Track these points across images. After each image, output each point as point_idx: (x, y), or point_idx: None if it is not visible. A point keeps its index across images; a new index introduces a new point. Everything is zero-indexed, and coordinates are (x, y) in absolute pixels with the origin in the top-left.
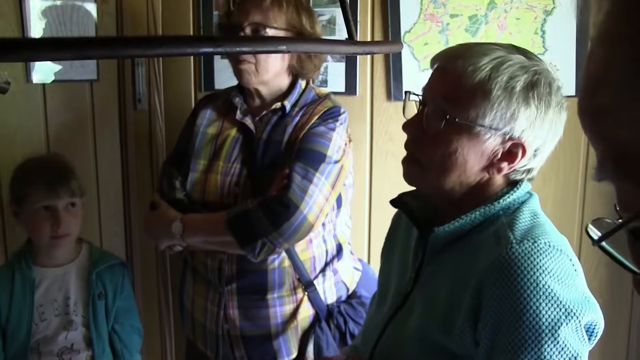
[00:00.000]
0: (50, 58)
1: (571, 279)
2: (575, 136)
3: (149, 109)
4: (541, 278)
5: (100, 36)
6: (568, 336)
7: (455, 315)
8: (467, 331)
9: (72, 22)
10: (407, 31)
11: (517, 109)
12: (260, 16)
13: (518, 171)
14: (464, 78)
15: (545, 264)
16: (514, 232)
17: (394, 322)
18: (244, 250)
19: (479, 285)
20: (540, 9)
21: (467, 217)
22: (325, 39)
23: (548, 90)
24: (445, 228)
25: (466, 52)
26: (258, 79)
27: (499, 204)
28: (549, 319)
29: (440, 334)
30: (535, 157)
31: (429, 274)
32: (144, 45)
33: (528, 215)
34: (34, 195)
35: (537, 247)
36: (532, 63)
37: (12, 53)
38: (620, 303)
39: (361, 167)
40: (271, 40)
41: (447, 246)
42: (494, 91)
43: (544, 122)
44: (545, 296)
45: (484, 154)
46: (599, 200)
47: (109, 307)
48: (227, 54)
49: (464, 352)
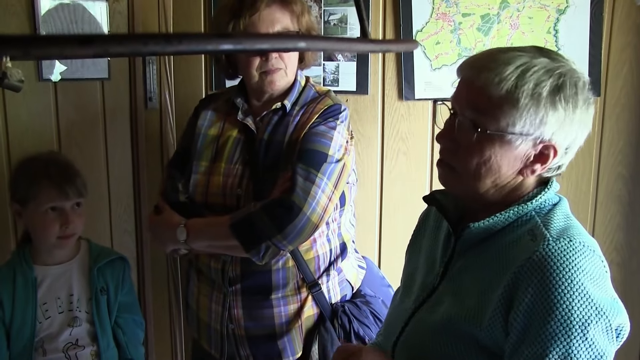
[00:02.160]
0: (69, 55)
1: (603, 281)
2: (587, 138)
3: (160, 107)
4: (575, 275)
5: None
6: (597, 335)
7: (487, 307)
8: (498, 321)
9: (84, 21)
10: (419, 30)
11: (546, 114)
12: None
13: (551, 169)
14: (491, 89)
15: (580, 263)
16: (549, 230)
17: (420, 313)
18: (249, 254)
19: (513, 278)
20: (553, 7)
21: (502, 216)
22: (342, 37)
23: (574, 90)
24: (481, 224)
25: (490, 62)
26: (286, 81)
27: (531, 204)
28: (580, 316)
29: (470, 325)
30: (566, 154)
31: (459, 269)
32: (163, 42)
33: (562, 216)
34: (43, 196)
35: (573, 245)
36: (556, 65)
37: (17, 48)
38: (632, 302)
39: (372, 167)
40: (290, 37)
41: (478, 243)
42: (522, 100)
43: (572, 121)
44: (578, 293)
45: (517, 159)
46: (611, 201)
47: (112, 301)
48: (246, 51)
49: (492, 342)
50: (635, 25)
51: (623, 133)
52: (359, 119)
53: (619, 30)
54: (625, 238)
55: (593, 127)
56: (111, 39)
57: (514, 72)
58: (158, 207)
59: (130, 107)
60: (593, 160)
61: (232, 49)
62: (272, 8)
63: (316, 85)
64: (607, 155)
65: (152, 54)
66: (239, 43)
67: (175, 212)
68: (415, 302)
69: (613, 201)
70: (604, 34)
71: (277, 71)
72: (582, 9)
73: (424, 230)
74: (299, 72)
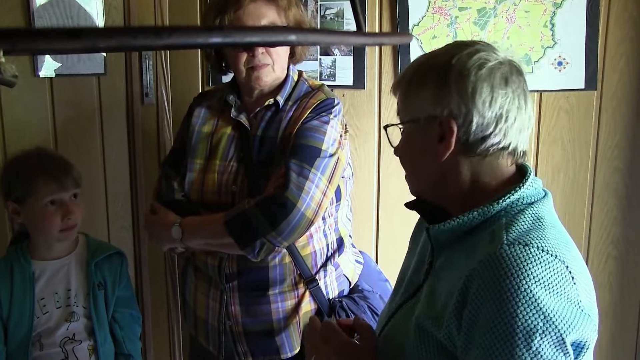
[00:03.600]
0: (58, 49)
1: (562, 288)
2: (584, 132)
3: (156, 103)
4: (524, 283)
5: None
6: (544, 346)
7: (446, 309)
8: (454, 323)
9: (79, 17)
10: (415, 24)
11: (419, 94)
12: (274, 15)
13: (472, 144)
14: (397, 96)
15: (532, 270)
16: (508, 233)
17: (402, 310)
18: (243, 251)
19: (467, 281)
20: (550, 1)
21: (465, 217)
22: (335, 30)
23: (447, 65)
24: (441, 226)
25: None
26: (272, 78)
27: (498, 204)
28: (524, 324)
29: (433, 326)
30: (471, 124)
31: (438, 268)
32: (153, 35)
33: (530, 218)
34: (42, 190)
35: (527, 251)
36: (442, 53)
37: (4, 41)
38: (628, 296)
39: (369, 161)
40: (281, 30)
41: (452, 243)
42: (407, 90)
43: (450, 92)
44: (525, 301)
45: (425, 144)
46: (607, 194)
47: (109, 296)
48: (237, 45)
49: (451, 344)
50: (632, 19)
51: (620, 126)
52: (355, 114)
53: (615, 23)
54: (622, 231)
55: (590, 120)
56: (100, 32)
57: (408, 74)
58: (152, 207)
59: (127, 103)
60: (590, 154)
61: (222, 42)
62: (258, 3)
63: (309, 79)
64: (603, 149)
65: (142, 48)
66: (228, 36)
67: (171, 210)
68: (400, 299)
69: (610, 194)
70: (601, 27)
71: (264, 67)
72: (579, 2)
73: (421, 229)
74: (291, 67)
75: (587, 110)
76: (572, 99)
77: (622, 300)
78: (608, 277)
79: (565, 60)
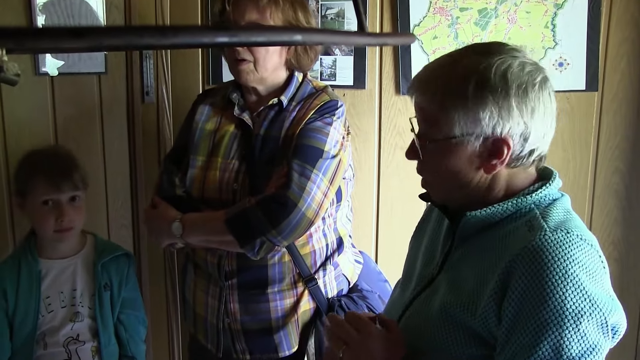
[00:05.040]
0: (63, 48)
1: (599, 276)
2: (585, 132)
3: (156, 102)
4: (571, 267)
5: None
6: (590, 327)
7: (481, 296)
8: (492, 310)
9: (80, 16)
10: (416, 25)
11: (476, 111)
12: (257, 14)
13: (521, 157)
14: (430, 104)
15: (576, 255)
16: (547, 222)
17: (417, 302)
18: (243, 249)
19: (508, 267)
20: (551, 2)
21: (499, 207)
22: (339, 30)
23: (503, 81)
24: (477, 213)
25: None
26: (257, 76)
27: (531, 197)
28: (573, 307)
29: (465, 314)
30: (527, 140)
31: (457, 259)
32: (158, 35)
33: (562, 210)
34: (37, 189)
35: (570, 238)
36: (482, 60)
37: (10, 40)
38: (629, 296)
39: (369, 161)
40: (286, 30)
41: (477, 233)
42: (450, 104)
43: (510, 110)
44: (572, 285)
45: (471, 160)
46: (608, 195)
47: (115, 298)
48: (243, 45)
49: (486, 331)
50: (634, 20)
51: (620, 127)
52: (356, 114)
53: (617, 24)
54: (622, 232)
55: (590, 121)
56: (105, 31)
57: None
58: (153, 202)
59: (127, 101)
60: (590, 155)
61: (228, 42)
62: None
63: (313, 80)
64: (604, 150)
65: (147, 47)
66: (234, 36)
67: (171, 206)
68: (413, 292)
69: (610, 195)
70: (602, 28)
71: (244, 63)
72: (580, 3)
73: (427, 222)
74: None
75: (588, 111)
76: (573, 100)
77: (622, 301)
78: (609, 278)
79: (566, 61)
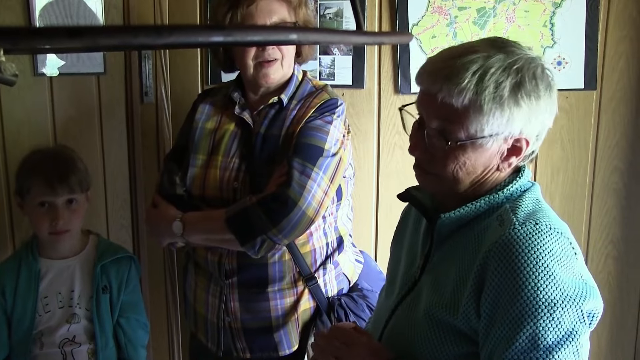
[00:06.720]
0: (58, 48)
1: (571, 262)
2: (583, 131)
3: (155, 102)
4: (541, 257)
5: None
6: (565, 315)
7: (461, 295)
8: (472, 307)
9: (79, 16)
10: (414, 24)
11: (511, 113)
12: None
13: (529, 155)
14: (453, 100)
15: (546, 245)
16: (516, 215)
17: (402, 305)
18: (244, 247)
19: (482, 263)
20: (550, 1)
21: (472, 206)
22: (335, 29)
23: (534, 82)
24: (451, 215)
25: (447, 70)
26: (280, 74)
27: (502, 193)
28: (546, 297)
29: (448, 314)
30: (537, 140)
31: (437, 260)
32: (153, 34)
33: (530, 201)
34: (34, 190)
35: (539, 228)
36: (512, 60)
37: (6, 40)
38: (628, 295)
39: (368, 161)
40: (282, 29)
41: (453, 233)
42: (485, 105)
43: (538, 112)
44: (544, 275)
45: (492, 158)
46: (607, 194)
47: (114, 301)
48: (238, 44)
49: (469, 328)
50: (632, 18)
51: (619, 126)
52: (355, 113)
53: (615, 23)
54: (621, 231)
55: (589, 120)
56: (101, 30)
57: (472, 79)
58: (154, 201)
59: (126, 102)
60: (589, 153)
61: (223, 42)
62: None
63: (313, 79)
64: (603, 148)
65: (143, 47)
66: (229, 35)
67: (172, 205)
68: (397, 297)
69: (609, 194)
70: (600, 27)
71: (273, 63)
72: (579, 1)
73: (405, 226)
74: (296, 67)
75: (587, 110)
76: (572, 99)
77: (622, 300)
78: (607, 276)
79: (564, 59)
